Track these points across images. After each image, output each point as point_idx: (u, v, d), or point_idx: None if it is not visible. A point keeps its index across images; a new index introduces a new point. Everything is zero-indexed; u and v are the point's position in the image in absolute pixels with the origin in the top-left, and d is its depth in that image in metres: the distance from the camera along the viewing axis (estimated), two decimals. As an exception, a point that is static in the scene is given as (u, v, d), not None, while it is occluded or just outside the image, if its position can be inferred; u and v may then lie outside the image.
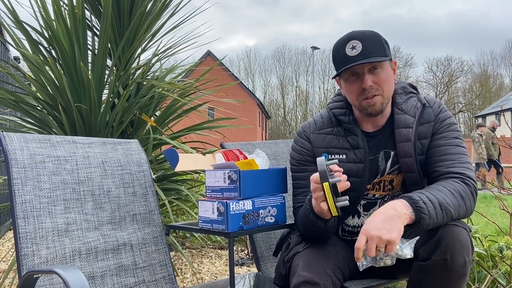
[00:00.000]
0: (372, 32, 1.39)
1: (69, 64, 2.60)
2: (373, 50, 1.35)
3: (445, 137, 1.40)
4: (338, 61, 1.38)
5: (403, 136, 1.41)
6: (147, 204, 1.68)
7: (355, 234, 1.53)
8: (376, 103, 1.38)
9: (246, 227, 1.44)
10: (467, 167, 1.35)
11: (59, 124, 2.70)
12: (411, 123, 1.41)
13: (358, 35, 1.36)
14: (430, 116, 1.43)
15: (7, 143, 1.43)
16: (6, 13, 2.67)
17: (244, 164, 1.50)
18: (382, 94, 1.38)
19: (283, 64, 48.86)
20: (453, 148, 1.38)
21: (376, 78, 1.37)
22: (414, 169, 1.40)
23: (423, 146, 1.41)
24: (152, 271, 1.60)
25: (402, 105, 1.45)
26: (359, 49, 1.34)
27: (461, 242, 1.23)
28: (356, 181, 1.43)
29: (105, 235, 1.53)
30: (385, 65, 1.39)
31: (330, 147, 1.47)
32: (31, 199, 1.41)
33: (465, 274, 1.24)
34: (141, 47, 3.06)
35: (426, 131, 1.42)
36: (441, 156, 1.37)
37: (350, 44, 1.36)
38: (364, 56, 1.34)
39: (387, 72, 1.39)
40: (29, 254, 1.35)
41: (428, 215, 1.20)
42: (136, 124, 2.92)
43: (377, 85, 1.37)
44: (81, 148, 1.61)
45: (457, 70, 44.61)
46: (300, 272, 1.29)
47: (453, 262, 1.21)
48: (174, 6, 3.11)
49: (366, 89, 1.36)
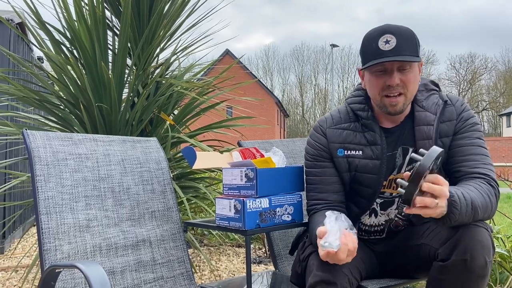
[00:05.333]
0: (408, 29, 1.36)
1: (90, 64, 2.65)
2: (407, 48, 1.32)
3: (468, 137, 1.38)
4: (368, 53, 1.35)
5: (424, 133, 1.39)
6: (165, 201, 1.71)
7: (372, 233, 1.52)
8: (398, 103, 1.36)
9: (263, 225, 1.45)
10: (489, 168, 1.34)
11: (80, 122, 2.76)
12: (432, 121, 1.39)
13: (393, 29, 1.33)
14: (452, 114, 1.41)
15: (31, 141, 1.48)
16: (30, 14, 2.73)
17: (261, 162, 1.51)
18: (406, 94, 1.36)
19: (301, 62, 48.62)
20: (476, 148, 1.36)
21: (404, 77, 1.34)
22: None
23: (444, 145, 1.39)
24: (171, 267, 1.62)
25: (423, 102, 1.43)
26: (393, 44, 1.31)
27: (481, 242, 1.21)
28: (372, 177, 1.43)
29: (125, 231, 1.56)
30: (414, 65, 1.37)
31: (346, 143, 1.45)
32: (54, 196, 1.44)
33: (486, 275, 1.21)
34: (159, 46, 3.10)
35: (447, 129, 1.40)
36: (464, 156, 1.36)
37: (384, 37, 1.32)
38: (397, 53, 1.30)
39: (415, 72, 1.37)
40: (51, 249, 1.38)
41: (459, 211, 1.18)
42: (155, 122, 2.96)
43: (403, 83, 1.35)
44: (101, 146, 1.65)
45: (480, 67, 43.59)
46: (315, 272, 1.28)
47: (473, 263, 1.19)
48: (191, 5, 3.14)
49: (391, 86, 1.34)
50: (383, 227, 1.51)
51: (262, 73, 46.63)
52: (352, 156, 1.44)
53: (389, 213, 1.49)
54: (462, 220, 1.21)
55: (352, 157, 1.44)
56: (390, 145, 1.44)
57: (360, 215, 1.51)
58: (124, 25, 2.58)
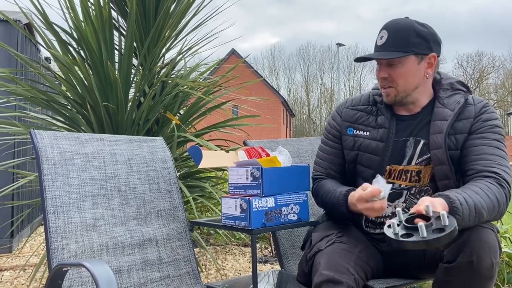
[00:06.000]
0: (407, 24, 1.41)
1: (97, 64, 2.67)
2: (394, 44, 1.39)
3: (484, 137, 1.38)
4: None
5: (437, 128, 1.42)
6: (171, 200, 1.71)
7: (378, 225, 1.51)
8: (389, 94, 1.45)
9: (269, 224, 1.45)
10: (503, 169, 1.33)
11: (87, 122, 2.78)
12: (447, 116, 1.42)
13: (390, 25, 1.43)
14: (471, 113, 1.42)
15: (38, 141, 1.49)
16: (37, 15, 2.76)
17: (267, 161, 1.51)
18: (396, 87, 1.43)
19: (307, 61, 48.48)
20: (491, 149, 1.36)
21: (392, 71, 1.42)
22: (444, 161, 1.38)
23: (458, 141, 1.39)
24: (177, 266, 1.63)
25: (445, 99, 1.46)
26: (384, 40, 1.41)
27: (488, 244, 1.20)
28: (374, 158, 1.46)
29: (131, 230, 1.57)
30: (406, 61, 1.40)
31: (356, 123, 1.54)
32: (61, 195, 1.46)
33: (492, 276, 1.21)
34: (165, 46, 3.11)
35: (463, 126, 1.41)
36: (478, 155, 1.36)
37: (381, 33, 1.44)
38: (384, 48, 1.41)
39: (406, 68, 1.41)
40: (58, 248, 1.39)
41: (461, 217, 1.18)
42: (161, 122, 2.97)
43: (391, 78, 1.43)
44: (108, 145, 1.65)
45: (488, 65, 43.21)
46: (322, 271, 1.28)
47: (480, 265, 1.18)
48: (197, 5, 3.14)
49: (382, 79, 1.45)
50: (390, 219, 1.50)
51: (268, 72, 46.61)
52: (359, 136, 1.52)
53: (396, 205, 1.48)
54: (466, 225, 1.21)
55: (358, 137, 1.52)
56: (400, 132, 1.47)
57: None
58: (130, 25, 2.59)
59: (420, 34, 1.40)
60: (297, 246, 1.89)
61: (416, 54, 1.40)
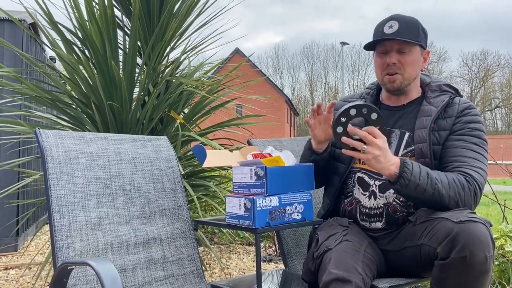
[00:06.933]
0: (413, 18, 1.53)
1: (101, 63, 2.68)
2: (407, 32, 1.48)
3: (463, 140, 1.45)
4: (375, 37, 1.52)
5: (422, 123, 1.50)
6: (176, 199, 1.72)
7: (372, 217, 1.53)
8: (396, 80, 1.51)
9: (273, 223, 1.45)
10: (476, 170, 1.38)
11: (92, 121, 2.79)
12: (432, 113, 1.50)
13: (398, 17, 1.51)
14: (453, 112, 1.51)
15: (43, 140, 1.49)
16: (42, 15, 2.77)
17: (270, 161, 1.51)
18: (403, 74, 1.51)
19: (311, 60, 48.36)
20: (468, 151, 1.43)
21: (402, 58, 1.50)
22: (427, 154, 1.46)
23: (441, 137, 1.48)
24: (181, 265, 1.63)
25: (432, 99, 1.55)
26: (395, 29, 1.48)
27: (479, 238, 1.20)
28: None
29: (136, 229, 1.57)
30: (414, 50, 1.51)
31: None
32: (66, 194, 1.46)
33: (487, 270, 1.21)
34: (170, 45, 3.11)
35: (446, 124, 1.49)
36: (454, 157, 1.43)
37: (389, 23, 1.50)
38: (397, 36, 1.47)
39: (414, 56, 1.51)
40: (64, 246, 1.40)
41: (410, 173, 1.31)
42: (166, 121, 2.97)
43: (400, 64, 1.50)
44: (112, 144, 1.66)
45: (493, 64, 42.92)
46: (330, 270, 1.28)
47: (473, 259, 1.19)
48: (201, 4, 3.15)
49: (389, 65, 1.50)
50: (382, 211, 1.52)
51: (272, 71, 46.56)
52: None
53: (388, 196, 1.51)
54: (421, 188, 1.32)
55: None
56: (386, 121, 1.54)
57: (331, 194, 1.63)
58: (134, 24, 2.60)
59: (423, 30, 1.53)
60: (301, 245, 1.89)
61: (420, 46, 1.52)
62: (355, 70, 45.94)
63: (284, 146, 2.02)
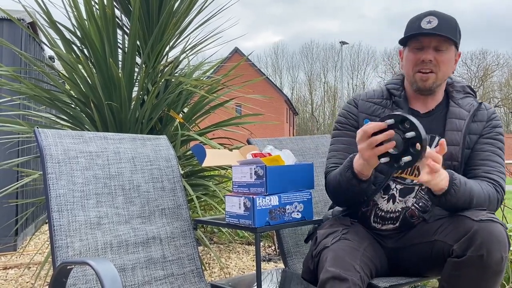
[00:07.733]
0: (452, 17, 1.47)
1: (101, 63, 2.67)
2: (447, 29, 1.42)
3: (491, 144, 1.47)
4: (410, 30, 1.45)
5: (455, 125, 1.48)
6: (175, 199, 1.71)
7: (386, 220, 1.51)
8: (429, 79, 1.44)
9: (273, 222, 1.45)
10: (501, 176, 1.44)
11: (91, 120, 2.78)
12: (464, 116, 1.49)
13: (437, 13, 1.45)
14: (483, 117, 1.51)
15: (42, 139, 1.49)
16: (41, 14, 2.76)
17: (270, 160, 1.50)
18: (437, 73, 1.44)
19: (311, 59, 48.33)
20: (495, 156, 1.46)
21: (439, 56, 1.43)
22: (457, 158, 1.45)
23: (471, 141, 1.48)
24: (181, 264, 1.63)
25: (459, 100, 1.53)
26: (434, 24, 1.41)
27: (497, 237, 1.20)
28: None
29: (135, 228, 1.57)
30: (451, 49, 1.46)
31: (373, 115, 1.53)
32: (65, 193, 1.46)
33: (501, 270, 1.21)
34: (169, 44, 3.11)
35: (477, 128, 1.49)
36: (483, 161, 1.45)
37: (427, 18, 1.44)
38: (437, 32, 1.40)
39: (450, 56, 1.45)
40: (63, 246, 1.40)
41: (457, 192, 1.28)
42: (165, 120, 2.97)
43: (437, 62, 1.43)
44: (112, 144, 1.66)
45: (492, 63, 42.95)
46: (328, 268, 1.28)
47: (489, 258, 1.18)
48: (200, 3, 3.14)
49: (425, 62, 1.43)
50: (399, 215, 1.50)
51: (271, 71, 46.52)
52: None
53: (407, 201, 1.49)
54: (457, 204, 1.30)
55: None
56: None
57: (376, 192, 1.49)
58: (133, 24, 2.59)
59: (459, 30, 1.47)
60: (301, 244, 1.89)
61: (455, 47, 1.47)
62: (354, 70, 45.98)
63: (284, 145, 2.02)
